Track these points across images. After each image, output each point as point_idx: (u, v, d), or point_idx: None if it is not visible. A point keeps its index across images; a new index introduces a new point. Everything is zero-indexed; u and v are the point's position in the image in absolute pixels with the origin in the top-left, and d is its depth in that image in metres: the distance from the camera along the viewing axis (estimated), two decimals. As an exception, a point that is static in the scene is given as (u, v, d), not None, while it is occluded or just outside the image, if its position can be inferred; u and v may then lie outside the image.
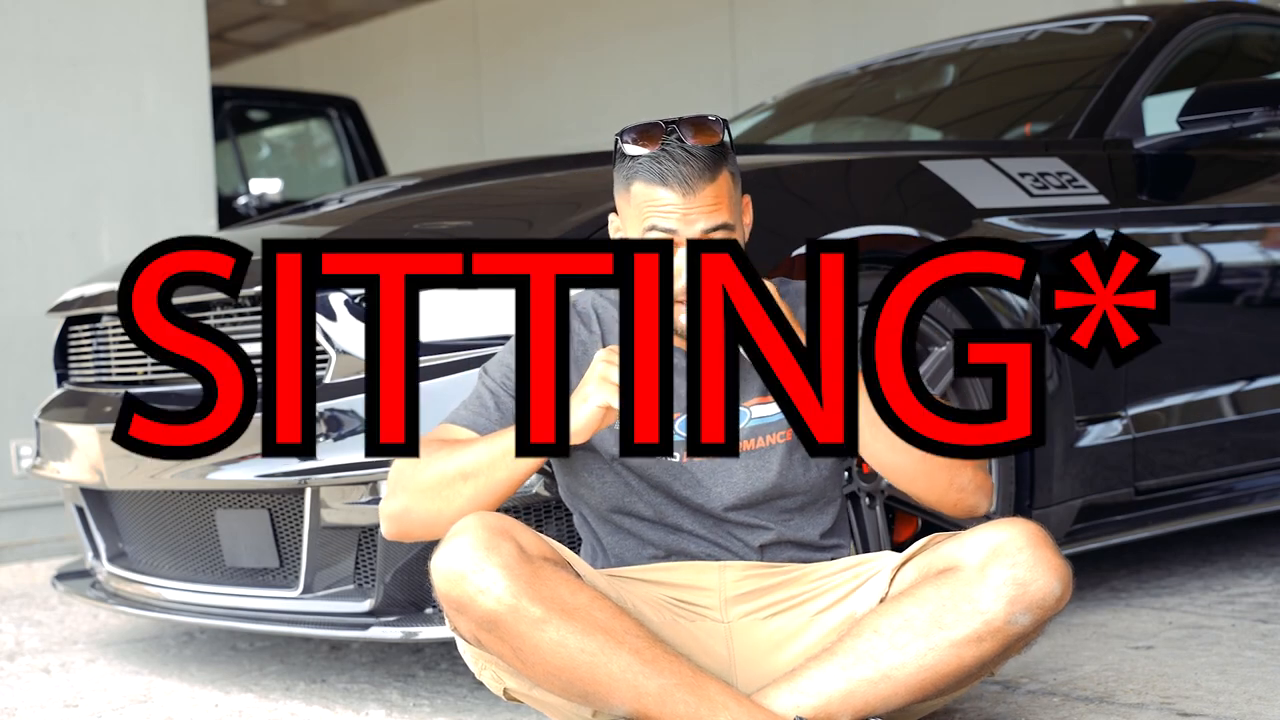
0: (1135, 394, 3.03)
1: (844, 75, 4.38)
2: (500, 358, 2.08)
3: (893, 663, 1.85)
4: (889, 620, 1.87)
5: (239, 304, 2.65)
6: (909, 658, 1.85)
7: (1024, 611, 1.83)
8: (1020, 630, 1.85)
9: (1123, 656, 2.59)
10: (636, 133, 1.98)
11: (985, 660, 1.87)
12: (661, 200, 1.95)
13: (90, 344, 3.08)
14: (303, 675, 2.80)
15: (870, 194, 2.80)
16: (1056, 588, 1.84)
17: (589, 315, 2.11)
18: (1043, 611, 1.84)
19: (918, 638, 1.85)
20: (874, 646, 1.86)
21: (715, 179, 1.95)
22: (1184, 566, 3.44)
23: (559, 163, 3.12)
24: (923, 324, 2.64)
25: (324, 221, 3.01)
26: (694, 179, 1.94)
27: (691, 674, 1.85)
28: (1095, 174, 3.10)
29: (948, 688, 1.89)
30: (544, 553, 1.87)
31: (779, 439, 2.05)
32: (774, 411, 2.05)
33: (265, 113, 8.22)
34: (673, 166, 1.94)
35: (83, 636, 3.28)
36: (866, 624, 1.89)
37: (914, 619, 1.86)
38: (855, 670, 1.86)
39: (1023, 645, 1.89)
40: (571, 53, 9.64)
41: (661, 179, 1.94)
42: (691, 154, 1.94)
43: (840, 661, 1.87)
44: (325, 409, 2.42)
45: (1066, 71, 3.74)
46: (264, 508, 2.59)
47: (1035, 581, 1.83)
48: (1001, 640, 1.85)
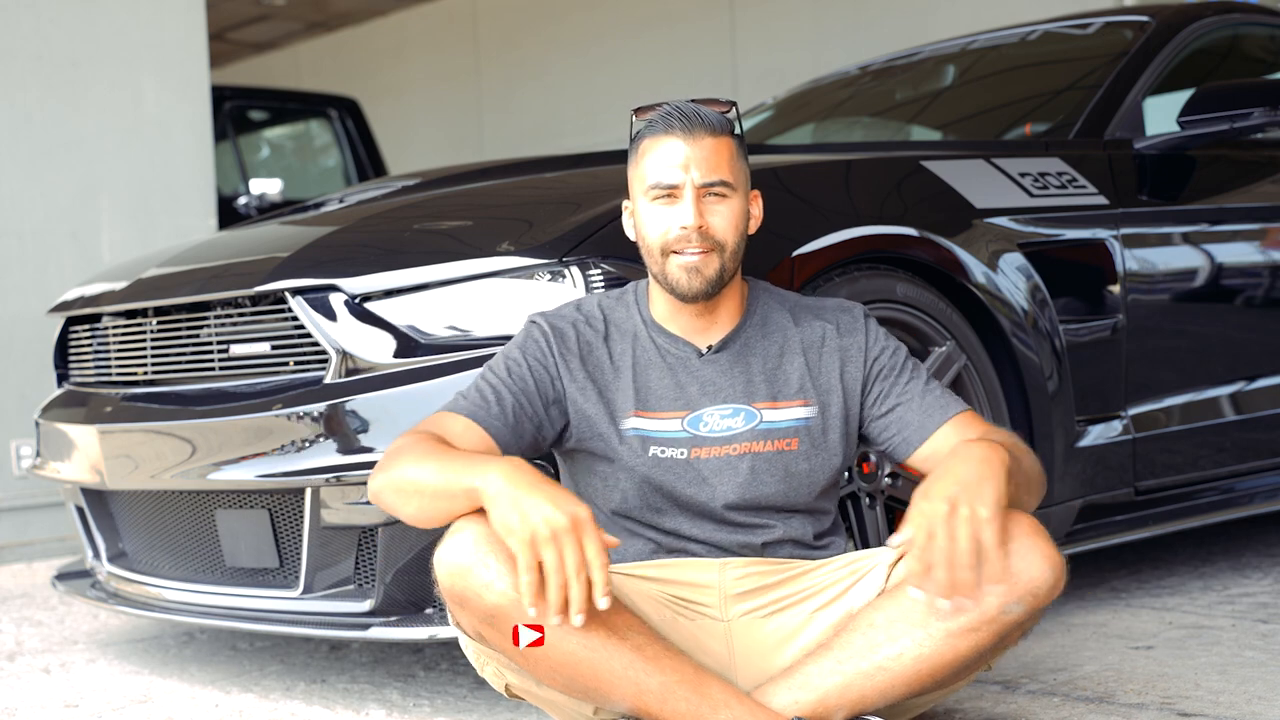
0: (1135, 394, 3.04)
1: (844, 75, 4.38)
2: (505, 352, 2.09)
3: (889, 654, 1.86)
4: (884, 613, 1.88)
5: (239, 304, 2.65)
6: (904, 649, 1.86)
7: (1017, 601, 1.84)
8: (1014, 619, 1.85)
9: (1123, 657, 2.60)
10: (649, 105, 2.13)
11: (981, 650, 1.87)
12: (665, 150, 2.04)
13: (90, 344, 3.08)
14: (303, 675, 2.80)
15: (870, 194, 2.80)
16: (1049, 575, 1.84)
17: (594, 316, 2.12)
18: (1035, 600, 1.85)
19: (913, 629, 1.86)
20: (870, 639, 1.87)
21: (718, 137, 2.05)
22: (1184, 566, 3.45)
23: (559, 163, 3.12)
24: (921, 322, 2.65)
25: (324, 222, 3.01)
26: (697, 126, 2.04)
27: (693, 671, 1.86)
28: (1095, 174, 3.10)
29: (945, 680, 1.89)
30: None
31: (785, 445, 2.06)
32: (784, 418, 2.06)
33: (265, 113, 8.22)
34: (678, 115, 2.05)
35: (83, 637, 3.28)
36: (862, 618, 1.90)
37: (908, 611, 1.86)
38: (851, 664, 1.87)
39: (1019, 635, 1.90)
40: (572, 52, 9.64)
41: (666, 125, 2.05)
42: (698, 109, 2.06)
43: (836, 655, 1.88)
44: (326, 409, 2.42)
45: (1067, 71, 3.75)
46: (264, 508, 2.60)
47: (1027, 571, 1.83)
48: (996, 631, 1.85)
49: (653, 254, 2.07)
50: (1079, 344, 2.92)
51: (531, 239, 2.44)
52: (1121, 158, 3.19)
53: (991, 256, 2.80)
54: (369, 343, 2.44)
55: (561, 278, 2.37)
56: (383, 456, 1.96)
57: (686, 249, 2.03)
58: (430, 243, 2.60)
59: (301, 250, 2.67)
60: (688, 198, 2.03)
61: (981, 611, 1.84)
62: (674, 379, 2.08)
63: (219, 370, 2.69)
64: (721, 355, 2.09)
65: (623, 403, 2.07)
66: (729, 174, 2.05)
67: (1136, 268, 3.06)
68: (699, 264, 2.03)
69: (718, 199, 2.04)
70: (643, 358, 2.10)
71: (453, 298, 2.42)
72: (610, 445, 2.05)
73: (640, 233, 2.09)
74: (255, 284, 2.58)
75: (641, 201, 2.08)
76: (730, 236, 2.05)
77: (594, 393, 2.07)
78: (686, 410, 2.06)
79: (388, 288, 2.45)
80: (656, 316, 2.12)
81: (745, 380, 2.08)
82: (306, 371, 2.52)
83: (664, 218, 2.05)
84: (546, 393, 2.07)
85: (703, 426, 2.06)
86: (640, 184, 2.08)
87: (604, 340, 2.11)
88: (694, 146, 2.03)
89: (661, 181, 2.04)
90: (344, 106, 8.01)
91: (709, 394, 2.07)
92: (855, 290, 2.56)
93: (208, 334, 2.72)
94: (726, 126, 2.07)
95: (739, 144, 2.09)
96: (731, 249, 2.05)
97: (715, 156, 2.04)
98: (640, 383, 2.08)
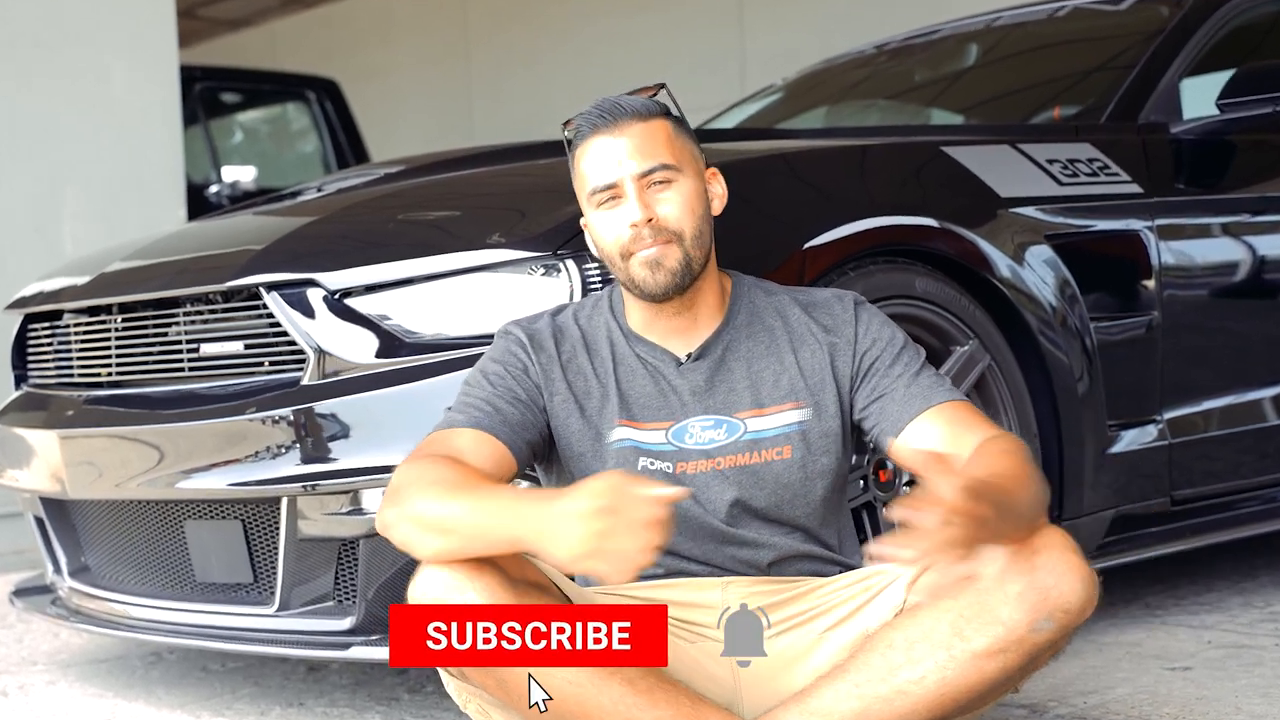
0: (1172, 396, 3.03)
1: (859, 55, 4.38)
2: (482, 368, 2.08)
3: (909, 678, 1.85)
4: (905, 633, 1.87)
5: (210, 300, 2.65)
6: (927, 672, 1.85)
7: (1047, 618, 1.83)
8: (1045, 639, 1.85)
9: (1158, 678, 2.59)
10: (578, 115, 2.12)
11: (1009, 672, 1.86)
12: (595, 150, 2.05)
13: (51, 343, 3.08)
14: (278, 699, 2.80)
15: (887, 182, 2.80)
16: (1081, 591, 1.84)
17: (569, 326, 2.12)
18: (1067, 618, 1.84)
19: (936, 650, 1.85)
20: (889, 661, 1.86)
21: (647, 120, 2.06)
22: (1224, 582, 3.44)
23: (552, 149, 3.12)
24: (942, 320, 2.65)
25: (301, 212, 3.01)
26: (621, 117, 2.05)
27: (690, 704, 1.85)
28: (1129, 161, 3.10)
29: (969, 704, 1.88)
30: (528, 575, 1.88)
31: (776, 454, 2.05)
32: (773, 425, 2.06)
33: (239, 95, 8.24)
34: (597, 112, 2.06)
35: (42, 657, 3.28)
36: (881, 638, 1.89)
37: (931, 631, 1.86)
38: (869, 687, 1.86)
39: (1049, 656, 1.89)
40: (567, 33, 9.65)
41: (592, 126, 2.06)
42: (618, 102, 2.07)
43: (853, 678, 1.87)
44: (304, 413, 2.42)
45: (1098, 50, 3.74)
46: (237, 518, 2.60)
47: (1057, 586, 1.83)
48: (1025, 651, 1.85)
49: (614, 261, 2.06)
50: (1111, 343, 2.92)
51: (524, 230, 2.44)
52: (1157, 143, 3.19)
53: (1017, 249, 2.80)
54: (349, 341, 2.44)
55: (556, 272, 2.37)
56: (393, 486, 1.92)
57: (641, 247, 2.02)
58: (415, 234, 2.60)
59: (277, 242, 2.67)
60: (629, 192, 2.03)
61: (1010, 630, 1.83)
62: (656, 387, 2.08)
63: (188, 371, 2.69)
64: (701, 363, 2.08)
65: (608, 414, 2.07)
66: (668, 155, 2.04)
67: (1173, 261, 3.06)
68: (658, 256, 2.02)
69: (662, 185, 2.04)
70: (624, 366, 2.09)
71: (439, 293, 2.42)
72: (591, 466, 2.04)
73: (598, 244, 2.10)
74: (227, 279, 2.58)
75: (590, 212, 2.09)
76: (687, 222, 2.04)
77: (575, 408, 2.07)
78: (670, 421, 2.06)
79: (370, 283, 2.45)
80: (634, 325, 2.12)
81: (727, 389, 2.07)
82: (282, 372, 2.52)
83: (613, 221, 2.04)
84: (536, 401, 2.06)
85: (687, 439, 2.06)
86: (583, 194, 2.09)
87: (585, 350, 2.11)
88: (622, 137, 2.03)
89: (599, 184, 2.05)
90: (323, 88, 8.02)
91: (689, 405, 2.06)
92: (870, 285, 2.56)
93: (176, 332, 2.72)
94: (655, 109, 2.07)
95: (676, 124, 2.09)
96: (692, 235, 2.04)
97: (649, 141, 2.04)
98: (624, 390, 2.08)
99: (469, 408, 2.03)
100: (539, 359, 2.08)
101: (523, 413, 2.04)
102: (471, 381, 2.08)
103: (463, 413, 2.03)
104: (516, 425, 2.03)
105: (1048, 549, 1.85)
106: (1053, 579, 1.83)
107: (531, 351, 2.08)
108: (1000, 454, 1.90)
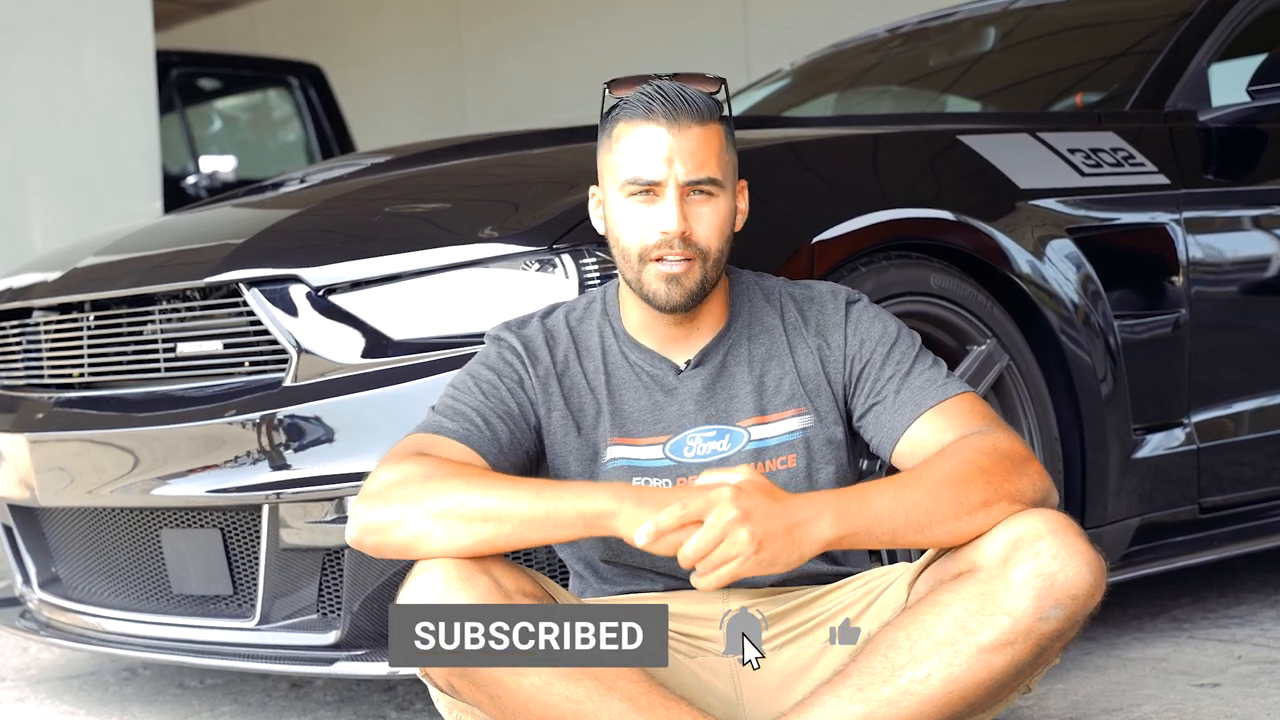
0: (1200, 398, 3.03)
1: (871, 39, 4.38)
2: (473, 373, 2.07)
3: (915, 677, 1.85)
4: (906, 631, 1.87)
5: (187, 297, 2.65)
6: (932, 670, 1.84)
7: (1055, 606, 1.83)
8: (1053, 629, 1.84)
9: (1185, 695, 2.59)
10: (626, 79, 2.07)
11: (1019, 666, 1.86)
12: (644, 138, 2.00)
13: (19, 342, 3.08)
14: (259, 716, 2.80)
15: (900, 173, 2.79)
16: (1087, 575, 1.83)
17: (561, 330, 2.11)
18: (1075, 604, 1.84)
19: (940, 646, 1.85)
20: (892, 661, 1.86)
21: (705, 125, 2.02)
22: (1255, 594, 3.44)
23: (549, 138, 3.12)
24: (958, 317, 2.65)
25: (283, 204, 3.01)
26: (683, 113, 2.00)
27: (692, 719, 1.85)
28: (1155, 150, 3.10)
29: (979, 702, 1.88)
30: (523, 587, 1.88)
31: (781, 464, 2.05)
32: (776, 432, 2.05)
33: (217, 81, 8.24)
34: (660, 99, 2.01)
35: (11, 672, 3.28)
36: (882, 638, 1.88)
37: (933, 627, 1.85)
38: (873, 690, 1.85)
39: (1059, 648, 1.89)
40: (564, 17, 9.65)
41: (647, 110, 2.01)
42: (683, 91, 2.02)
43: (856, 682, 1.86)
44: (286, 416, 2.42)
45: (1122, 34, 3.74)
46: (216, 527, 2.59)
47: (1063, 571, 1.83)
48: (1034, 642, 1.85)
49: (628, 258, 2.04)
50: (1136, 342, 2.92)
51: (517, 224, 2.44)
52: (1184, 131, 3.19)
53: (1038, 243, 2.80)
54: (334, 340, 2.43)
55: (552, 268, 2.37)
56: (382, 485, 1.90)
57: (667, 256, 2.00)
58: (403, 228, 2.59)
59: (257, 236, 2.66)
60: (670, 198, 1.99)
61: (1016, 621, 1.83)
62: (650, 399, 2.07)
63: (164, 372, 2.68)
64: (701, 370, 2.07)
65: (601, 432, 2.06)
66: (717, 169, 2.01)
67: (1201, 256, 3.06)
68: (680, 274, 2.00)
69: (704, 199, 2.01)
70: (616, 376, 2.08)
71: (428, 290, 2.41)
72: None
73: (613, 232, 2.07)
74: (205, 275, 2.58)
75: (615, 195, 2.05)
76: (715, 243, 2.02)
77: (572, 425, 2.06)
78: (667, 435, 2.05)
79: (355, 279, 2.45)
80: (629, 327, 2.11)
81: (729, 396, 2.07)
82: (263, 373, 2.52)
83: (642, 219, 2.02)
84: (528, 417, 2.05)
85: (686, 452, 2.05)
86: (613, 175, 2.04)
87: (578, 358, 2.09)
88: (679, 136, 1.99)
89: (641, 177, 2.01)
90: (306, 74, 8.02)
91: (689, 415, 2.06)
92: (883, 282, 2.56)
93: (152, 331, 2.71)
94: (715, 111, 2.03)
95: (728, 129, 2.06)
96: (716, 255, 2.03)
97: (703, 149, 2.00)
98: (616, 404, 2.07)
99: (459, 416, 2.01)
100: (536, 371, 2.06)
101: (512, 430, 2.03)
102: (460, 385, 2.06)
103: (453, 420, 2.01)
104: (506, 446, 2.01)
105: (1052, 534, 1.85)
106: (1058, 564, 1.83)
107: (529, 363, 2.07)
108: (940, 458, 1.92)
